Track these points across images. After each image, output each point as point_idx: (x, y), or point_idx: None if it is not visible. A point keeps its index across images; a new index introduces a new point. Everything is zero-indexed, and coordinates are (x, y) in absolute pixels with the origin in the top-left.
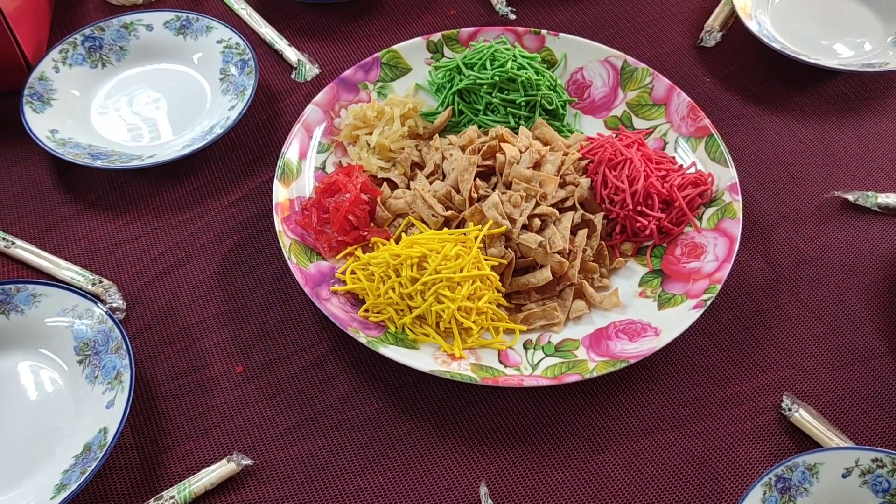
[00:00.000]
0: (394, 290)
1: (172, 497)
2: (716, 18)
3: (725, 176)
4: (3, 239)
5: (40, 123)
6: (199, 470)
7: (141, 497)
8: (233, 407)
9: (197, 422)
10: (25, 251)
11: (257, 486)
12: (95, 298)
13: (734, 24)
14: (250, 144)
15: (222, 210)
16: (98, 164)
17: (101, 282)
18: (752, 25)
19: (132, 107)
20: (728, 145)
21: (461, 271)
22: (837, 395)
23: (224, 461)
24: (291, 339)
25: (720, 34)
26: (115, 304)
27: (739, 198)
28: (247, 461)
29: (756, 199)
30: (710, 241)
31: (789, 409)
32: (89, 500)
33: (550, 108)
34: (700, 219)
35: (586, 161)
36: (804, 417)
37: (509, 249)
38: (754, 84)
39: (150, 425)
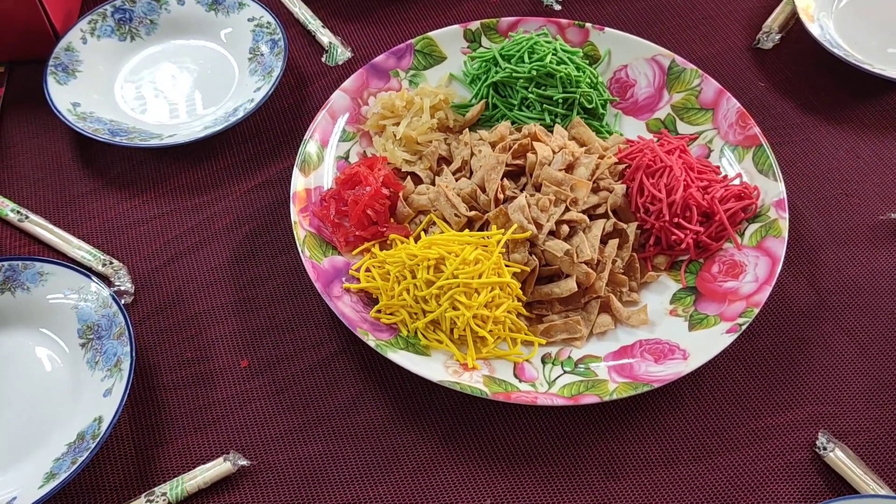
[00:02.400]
0: (408, 291)
1: (164, 494)
2: (775, 19)
3: (773, 190)
4: (17, 212)
5: (63, 96)
6: (194, 467)
7: (133, 491)
8: (234, 403)
9: (196, 416)
10: (38, 226)
11: (252, 488)
12: (103, 280)
13: (795, 26)
14: (274, 128)
15: (240, 195)
16: (117, 140)
17: (111, 263)
18: (814, 29)
19: (157, 83)
20: (778, 157)
21: (480, 277)
22: (878, 436)
23: (220, 460)
24: (300, 335)
25: (779, 36)
26: (123, 287)
27: (786, 215)
28: (243, 461)
29: (804, 216)
30: (750, 259)
31: (824, 448)
32: (79, 491)
33: (590, 106)
34: (742, 235)
35: (623, 166)
36: (840, 458)
37: (533, 256)
38: (812, 92)
39: (148, 416)
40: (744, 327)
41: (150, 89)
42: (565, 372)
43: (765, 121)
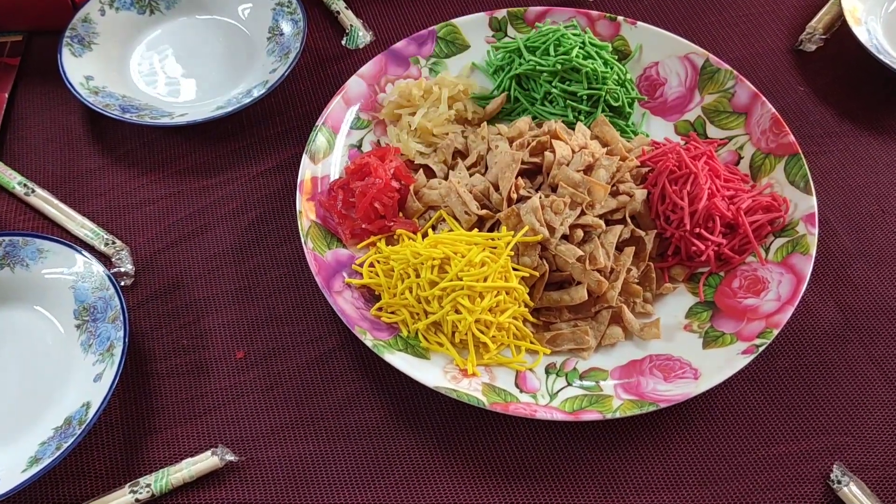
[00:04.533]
0: (411, 291)
1: (149, 485)
2: (820, 20)
3: (804, 203)
4: (24, 185)
5: (76, 68)
6: (181, 459)
7: (118, 480)
8: (227, 395)
9: (188, 406)
10: (44, 201)
11: (239, 484)
12: (105, 261)
13: (840, 29)
14: (289, 112)
15: (249, 179)
16: (126, 117)
17: (113, 243)
18: (861, 33)
19: (174, 59)
20: (813, 167)
21: (485, 280)
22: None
23: (208, 454)
24: (299, 328)
25: (823, 38)
26: (123, 269)
27: (816, 231)
28: (231, 457)
29: (836, 231)
30: (774, 276)
31: (838, 482)
32: (64, 477)
33: (616, 104)
34: (767, 249)
35: (647, 169)
36: (854, 493)
37: (544, 260)
38: (854, 99)
39: (139, 403)
40: (761, 349)
41: (167, 65)
42: (569, 384)
43: (801, 128)
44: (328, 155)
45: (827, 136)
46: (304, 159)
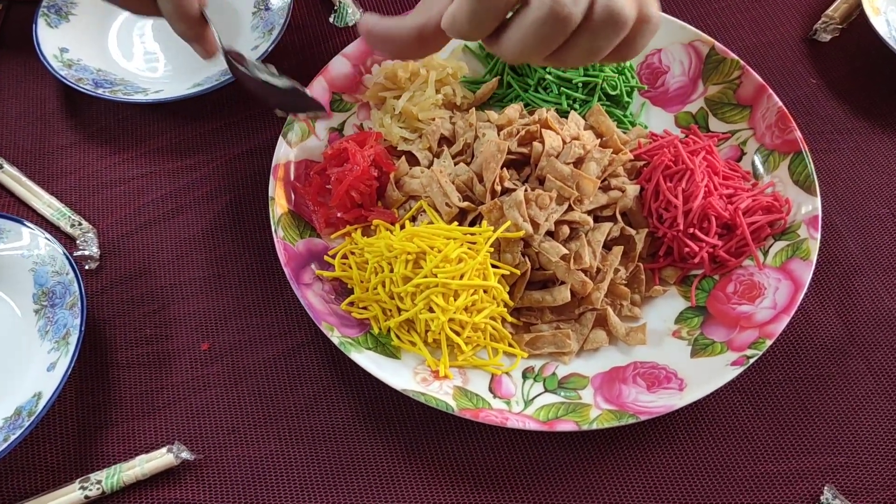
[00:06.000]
0: (383, 285)
1: (100, 482)
2: (837, 8)
3: (807, 205)
4: None
5: (51, 40)
6: (136, 455)
7: (69, 474)
8: (189, 388)
9: (147, 399)
10: (11, 178)
11: (194, 484)
12: (68, 243)
13: (858, 19)
14: None
15: (226, 162)
16: (99, 93)
17: (80, 224)
18: (880, 24)
19: (153, 33)
20: (821, 165)
21: (461, 278)
22: (891, 498)
23: (163, 450)
24: (268, 321)
25: (839, 28)
26: (88, 252)
27: (818, 236)
28: (187, 455)
29: (843, 235)
30: (771, 282)
31: None
32: (12, 470)
33: (613, 93)
34: (765, 253)
35: (642, 163)
36: None
37: (526, 258)
38: (868, 94)
39: (96, 394)
40: (751, 361)
41: (146, 39)
42: (546, 390)
43: (811, 123)
44: (306, 139)
45: (837, 132)
46: (281, 143)
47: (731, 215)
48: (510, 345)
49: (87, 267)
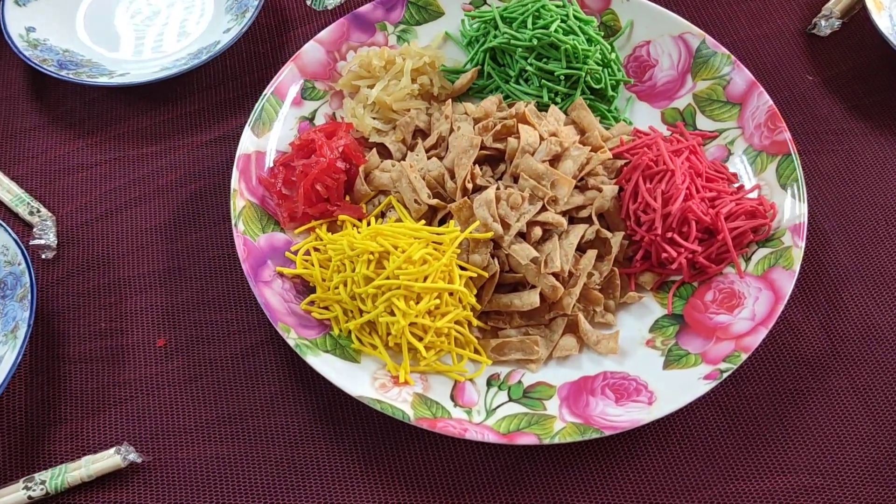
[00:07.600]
0: (345, 285)
1: (44, 482)
2: (838, 2)
3: (793, 211)
4: None
5: (18, 19)
6: (83, 455)
7: (13, 473)
8: (142, 386)
9: (99, 395)
10: None
11: (141, 487)
12: (25, 231)
13: (859, 14)
14: (244, 76)
15: (193, 149)
16: (63, 74)
17: (38, 211)
18: (881, 20)
19: (125, 13)
20: (813, 168)
21: (424, 280)
22: None
23: (111, 451)
24: (227, 317)
25: (839, 22)
26: (45, 241)
27: (802, 244)
28: (134, 457)
29: (832, 243)
30: (751, 291)
31: None
32: None
33: (597, 86)
34: (747, 260)
35: (623, 162)
36: None
37: (495, 260)
38: (868, 93)
39: (45, 390)
40: (725, 375)
41: (117, 20)
42: (511, 400)
43: (805, 122)
44: (274, 128)
45: (832, 133)
46: (247, 131)
47: (712, 219)
48: (476, 350)
49: (43, 256)
